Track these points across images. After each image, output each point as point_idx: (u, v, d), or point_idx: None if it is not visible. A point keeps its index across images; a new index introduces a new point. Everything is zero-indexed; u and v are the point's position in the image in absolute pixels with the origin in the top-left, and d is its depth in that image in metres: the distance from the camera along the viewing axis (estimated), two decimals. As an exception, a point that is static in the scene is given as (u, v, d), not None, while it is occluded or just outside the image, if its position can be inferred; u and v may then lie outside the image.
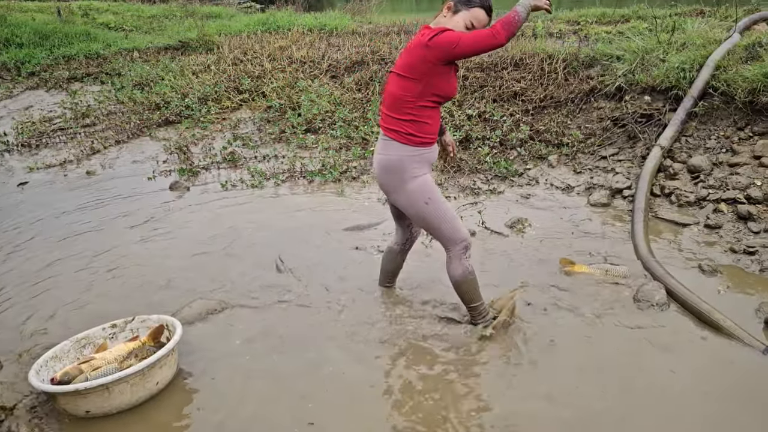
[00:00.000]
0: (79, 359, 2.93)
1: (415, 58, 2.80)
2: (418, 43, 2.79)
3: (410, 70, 2.82)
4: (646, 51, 5.89)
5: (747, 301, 3.39)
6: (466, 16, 2.84)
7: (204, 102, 7.66)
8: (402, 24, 10.52)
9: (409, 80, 2.83)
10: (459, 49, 2.73)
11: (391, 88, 2.93)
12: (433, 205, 2.96)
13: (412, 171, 2.94)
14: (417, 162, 2.95)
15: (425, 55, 2.76)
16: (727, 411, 2.59)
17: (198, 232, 4.64)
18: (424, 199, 2.96)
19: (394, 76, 2.91)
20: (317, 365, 3.00)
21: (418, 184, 2.95)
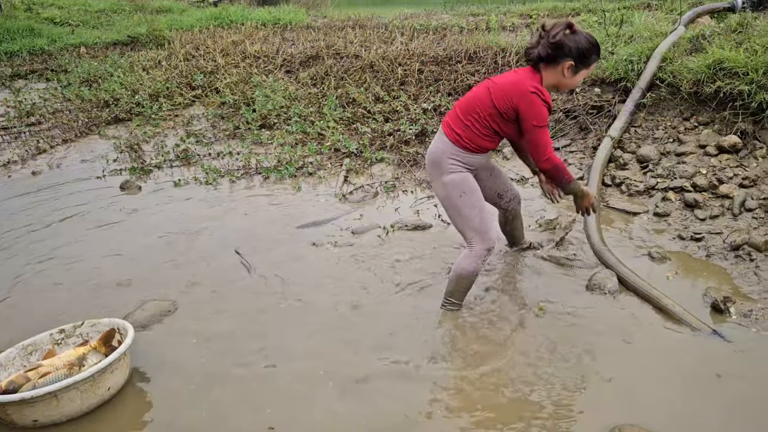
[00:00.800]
0: (26, 367, 2.84)
1: (506, 93, 2.94)
2: (514, 85, 2.92)
3: (498, 96, 2.96)
4: (596, 44, 5.99)
5: (694, 286, 3.49)
6: (585, 73, 3.04)
7: (155, 99, 7.49)
8: (357, 18, 10.48)
9: (491, 103, 2.98)
10: (532, 128, 2.93)
11: (477, 94, 3.06)
12: (467, 200, 3.12)
13: (448, 166, 3.12)
14: (455, 160, 3.12)
15: (512, 102, 2.92)
16: (676, 390, 2.66)
17: (150, 231, 4.53)
18: (458, 192, 3.12)
19: (486, 90, 3.02)
20: (276, 366, 2.96)
21: (454, 178, 3.13)
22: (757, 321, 3.11)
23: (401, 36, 8.26)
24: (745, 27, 5.34)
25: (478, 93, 3.07)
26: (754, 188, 4.22)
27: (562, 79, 2.99)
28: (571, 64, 2.93)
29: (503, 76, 3.05)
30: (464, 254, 3.21)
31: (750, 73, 4.46)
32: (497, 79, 3.05)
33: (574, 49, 2.91)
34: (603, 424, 2.49)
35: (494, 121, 3.02)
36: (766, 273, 3.53)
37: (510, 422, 2.54)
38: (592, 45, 2.95)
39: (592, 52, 2.96)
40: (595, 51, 2.97)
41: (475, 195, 3.16)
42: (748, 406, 2.57)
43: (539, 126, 2.92)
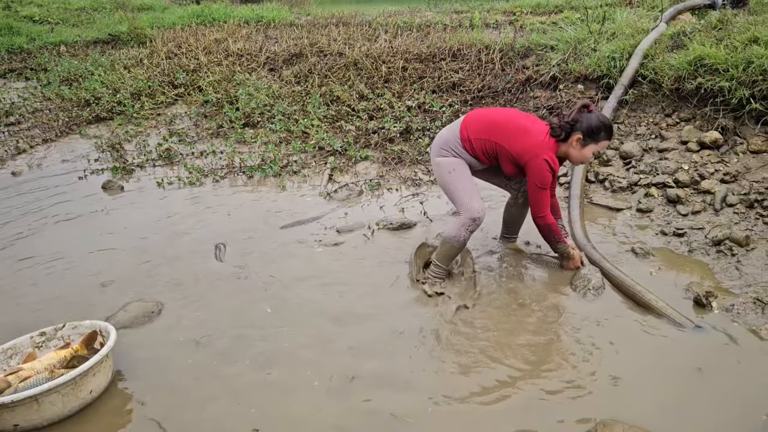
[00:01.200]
0: (6, 371, 2.79)
1: (524, 149, 3.26)
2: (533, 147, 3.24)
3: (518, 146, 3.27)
4: (579, 41, 6.04)
5: (677, 281, 3.52)
6: (594, 148, 3.31)
7: (137, 97, 7.41)
8: (341, 15, 10.44)
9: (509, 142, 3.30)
10: (534, 187, 3.30)
11: (506, 124, 3.34)
12: (455, 176, 3.43)
13: (444, 152, 3.47)
14: (454, 152, 3.45)
15: (525, 158, 3.26)
16: (658, 384, 2.68)
17: (133, 232, 4.48)
18: (449, 169, 3.45)
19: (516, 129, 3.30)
20: (261, 366, 2.94)
21: (447, 160, 3.46)
22: (739, 315, 3.14)
23: (385, 33, 8.25)
24: (725, 24, 5.40)
25: (510, 124, 3.34)
26: (735, 184, 4.26)
27: (572, 150, 3.32)
28: (579, 137, 3.25)
29: (533, 127, 3.32)
30: (451, 221, 3.56)
31: (730, 70, 4.50)
32: (528, 124, 3.33)
33: (584, 125, 3.24)
34: (586, 418, 2.50)
35: (501, 153, 3.36)
36: (747, 268, 3.57)
37: (493, 418, 2.55)
38: (603, 124, 3.25)
39: (602, 130, 3.25)
40: (605, 130, 3.26)
41: (464, 172, 3.45)
42: (729, 399, 2.59)
43: (540, 187, 3.30)
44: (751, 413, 2.50)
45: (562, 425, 2.49)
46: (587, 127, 3.23)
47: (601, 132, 3.25)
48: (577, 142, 3.28)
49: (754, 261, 3.62)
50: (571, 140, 3.28)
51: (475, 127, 3.41)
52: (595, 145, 3.29)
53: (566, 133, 3.28)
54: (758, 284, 3.41)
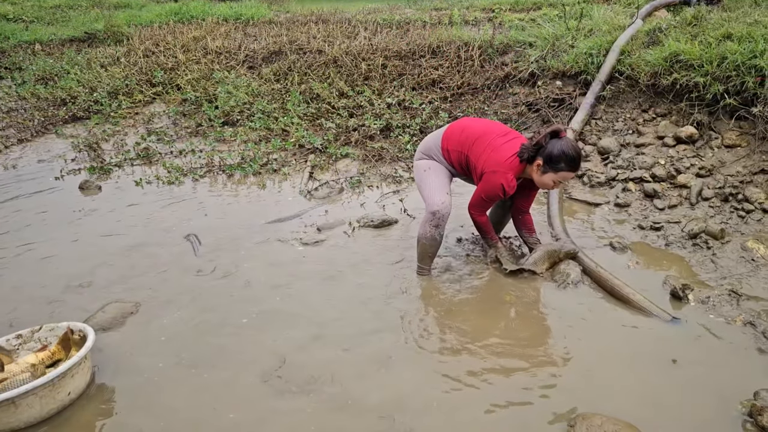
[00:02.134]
0: (-19, 374, 2.74)
1: (487, 164, 3.29)
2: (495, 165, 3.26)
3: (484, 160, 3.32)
4: (557, 37, 6.08)
5: (654, 275, 3.57)
6: (552, 176, 3.25)
7: (114, 96, 7.33)
8: (320, 13, 10.41)
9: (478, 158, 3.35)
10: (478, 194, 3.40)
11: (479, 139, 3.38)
12: (427, 175, 3.55)
13: (425, 155, 3.60)
14: (433, 155, 3.56)
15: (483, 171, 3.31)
16: (635, 376, 2.71)
17: (111, 232, 4.43)
18: (424, 167, 3.58)
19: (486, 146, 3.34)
20: (240, 369, 2.91)
21: (425, 162, 3.60)
22: (714, 307, 3.19)
23: (364, 31, 8.24)
24: (700, 20, 5.47)
25: (483, 139, 3.37)
26: (710, 178, 4.33)
27: (533, 173, 3.30)
28: (539, 163, 3.22)
29: (503, 146, 3.31)
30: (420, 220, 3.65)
31: (705, 65, 4.56)
32: (499, 143, 3.33)
33: (546, 152, 3.19)
34: (565, 409, 2.52)
35: (472, 166, 3.42)
36: (722, 260, 3.63)
37: (470, 412, 2.56)
38: (565, 155, 3.16)
39: (561, 161, 3.17)
40: (565, 161, 3.17)
41: (437, 173, 3.54)
42: (704, 389, 2.63)
43: (485, 199, 3.40)
44: (726, 403, 2.54)
45: (541, 417, 2.51)
46: (548, 154, 3.18)
47: (560, 163, 3.17)
48: (538, 168, 3.25)
49: (728, 254, 3.68)
50: (534, 164, 3.25)
51: (454, 139, 3.48)
52: (553, 174, 3.22)
53: (530, 157, 3.24)
54: (733, 276, 3.46)
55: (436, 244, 3.57)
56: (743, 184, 4.19)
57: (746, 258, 3.62)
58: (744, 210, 4.02)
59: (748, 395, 2.55)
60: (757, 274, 3.47)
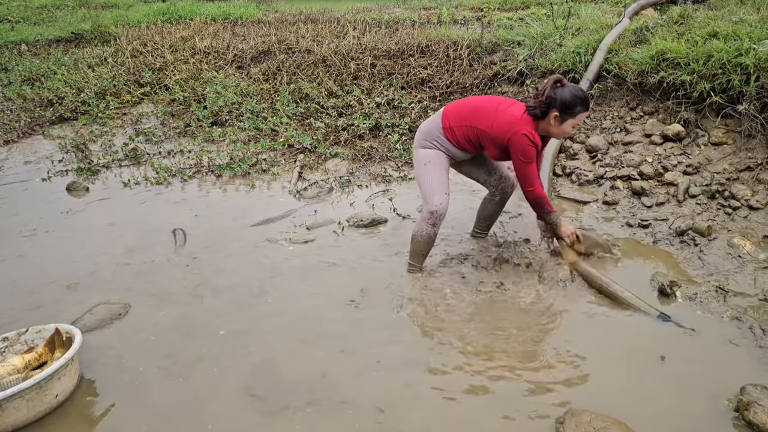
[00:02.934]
0: (-32, 377, 2.72)
1: (504, 128, 3.24)
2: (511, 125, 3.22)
3: (498, 125, 3.26)
4: (545, 36, 6.10)
5: (642, 272, 3.59)
6: (572, 122, 3.26)
7: (102, 97, 7.29)
8: (309, 12, 10.40)
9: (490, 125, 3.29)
10: (519, 162, 3.27)
11: (484, 108, 3.34)
12: (426, 170, 3.47)
13: (426, 143, 3.50)
14: (437, 143, 3.47)
15: (506, 137, 3.24)
16: (624, 372, 2.73)
17: (99, 233, 4.40)
18: (424, 161, 3.49)
19: (494, 111, 3.30)
20: (226, 373, 2.88)
21: (426, 152, 3.50)
22: (702, 304, 3.22)
23: (353, 30, 8.24)
24: (686, 19, 5.51)
25: (487, 108, 3.35)
26: (697, 175, 4.35)
27: (550, 127, 3.29)
28: (556, 114, 3.21)
29: (511, 108, 3.30)
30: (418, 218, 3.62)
31: (691, 64, 4.59)
32: (506, 106, 3.32)
33: (558, 101, 3.18)
34: (554, 406, 2.53)
35: (483, 137, 3.35)
36: (709, 257, 3.65)
37: (459, 409, 2.57)
38: (576, 97, 3.19)
39: (576, 104, 3.19)
40: (579, 103, 3.19)
41: (437, 167, 3.46)
42: (692, 385, 2.65)
43: (525, 162, 3.27)
44: (714, 399, 2.56)
45: (531, 414, 2.52)
46: (561, 102, 3.19)
47: (576, 106, 3.20)
48: (555, 119, 3.24)
49: (715, 250, 3.71)
50: (549, 118, 3.25)
51: (455, 114, 3.43)
52: (572, 120, 3.25)
53: (542, 112, 3.24)
54: (720, 273, 3.49)
55: (431, 242, 3.58)
56: (729, 182, 4.23)
57: (733, 254, 3.65)
58: (730, 207, 4.06)
59: (735, 390, 2.57)
60: (744, 271, 3.49)
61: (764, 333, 2.94)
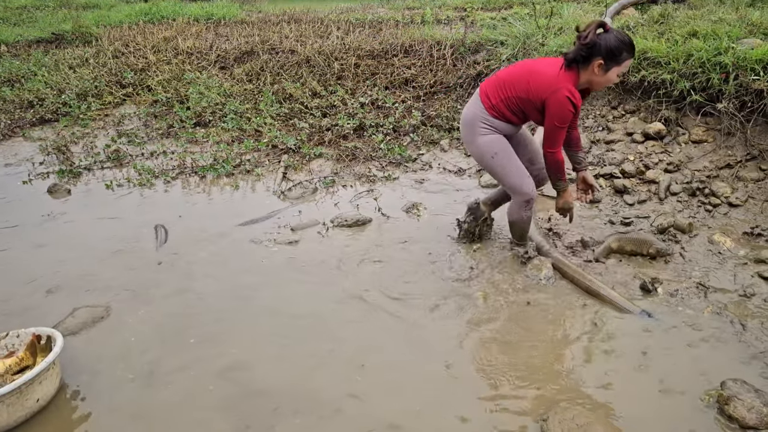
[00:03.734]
0: (-54, 383, 2.68)
1: (541, 87, 3.11)
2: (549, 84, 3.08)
3: (534, 87, 3.14)
4: (527, 36, 6.13)
5: (625, 269, 3.62)
6: (618, 70, 3.08)
7: (83, 98, 7.21)
8: (292, 12, 10.37)
9: (527, 88, 3.17)
10: (551, 125, 3.15)
11: (518, 74, 3.22)
12: (499, 160, 3.37)
13: (480, 129, 3.36)
14: (486, 124, 3.34)
15: (544, 96, 3.11)
16: (606, 368, 2.75)
17: (80, 236, 4.36)
18: (491, 153, 3.37)
19: (528, 74, 3.18)
20: (213, 376, 2.86)
21: (485, 140, 3.36)
22: (683, 300, 3.25)
23: (337, 30, 8.23)
24: (667, 18, 5.57)
25: (520, 73, 3.22)
26: (678, 173, 4.40)
27: (594, 77, 3.10)
28: (601, 62, 3.03)
29: (545, 67, 3.16)
30: (510, 204, 3.61)
31: (671, 63, 4.64)
32: (539, 66, 3.19)
33: (603, 48, 3.00)
34: (538, 403, 2.55)
35: (523, 104, 3.23)
36: (690, 254, 3.69)
37: (443, 408, 2.57)
38: (622, 42, 3.00)
39: (623, 49, 3.01)
40: (625, 48, 3.01)
41: (507, 153, 3.39)
42: (671, 381, 2.68)
43: (559, 126, 3.15)
44: (695, 394, 2.59)
45: (515, 412, 2.53)
46: (606, 48, 2.99)
47: (622, 52, 3.00)
48: (599, 68, 3.05)
49: (696, 247, 3.75)
50: (592, 66, 3.05)
51: (492, 90, 3.31)
52: (618, 67, 3.06)
53: (585, 59, 3.06)
54: (700, 269, 3.53)
55: (530, 221, 3.66)
56: (710, 179, 4.28)
57: (713, 251, 3.69)
58: (711, 204, 4.10)
59: (716, 386, 2.60)
60: (724, 267, 3.54)
61: (744, 328, 2.99)
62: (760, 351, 2.82)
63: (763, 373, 2.69)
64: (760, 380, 2.62)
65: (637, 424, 2.44)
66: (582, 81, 3.14)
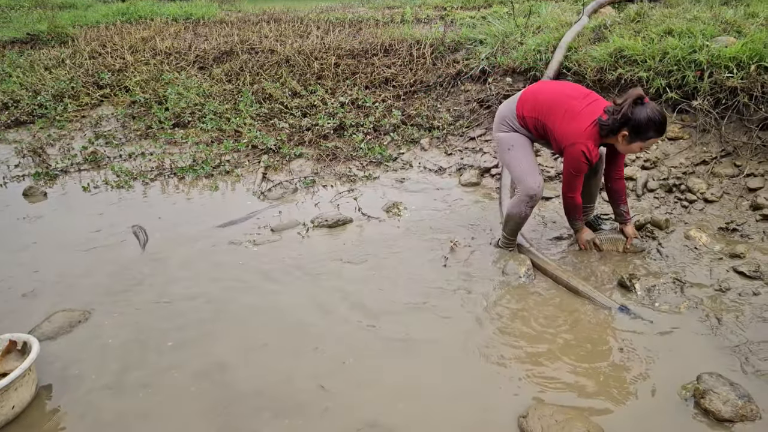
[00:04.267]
0: None
1: (565, 136, 3.27)
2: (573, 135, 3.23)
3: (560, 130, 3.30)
4: (506, 35, 6.16)
5: (603, 265, 3.65)
6: (640, 145, 3.18)
7: (60, 99, 7.12)
8: (272, 12, 10.32)
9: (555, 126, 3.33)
10: (567, 172, 3.38)
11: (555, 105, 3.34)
12: (514, 153, 3.56)
13: (502, 126, 3.61)
14: (510, 124, 3.57)
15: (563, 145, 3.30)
16: (585, 365, 2.78)
17: (57, 239, 4.30)
18: (507, 146, 3.58)
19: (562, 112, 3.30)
20: (191, 379, 2.85)
21: (504, 136, 3.60)
22: (660, 295, 3.29)
23: (317, 30, 8.21)
24: (643, 17, 5.63)
25: (559, 106, 3.33)
26: (655, 170, 4.45)
27: (617, 143, 3.24)
28: (625, 134, 3.13)
29: (580, 114, 3.26)
30: (512, 198, 3.71)
31: (647, 61, 4.70)
32: (577, 110, 3.27)
33: (631, 121, 3.09)
34: (518, 400, 2.56)
35: (547, 134, 3.42)
36: (667, 249, 3.74)
37: (424, 404, 2.58)
38: (652, 121, 3.06)
39: (650, 128, 3.08)
40: (653, 128, 3.08)
41: (522, 149, 3.55)
42: (650, 376, 2.71)
43: (574, 174, 3.37)
44: (672, 388, 2.62)
45: (495, 409, 2.55)
46: (634, 123, 3.08)
47: (649, 131, 3.08)
48: (623, 138, 3.16)
49: (673, 243, 3.80)
50: (618, 135, 3.17)
51: (529, 105, 3.46)
52: (641, 143, 3.15)
53: (614, 129, 3.16)
54: (677, 265, 3.57)
55: (526, 220, 3.68)
56: (686, 175, 4.33)
57: (689, 246, 3.74)
58: (687, 200, 4.16)
59: (692, 380, 2.63)
60: (700, 262, 3.58)
61: (719, 322, 3.03)
62: (735, 345, 2.87)
63: (739, 366, 2.73)
64: (736, 374, 2.66)
65: (615, 419, 2.47)
66: (605, 141, 3.27)
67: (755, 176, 4.12)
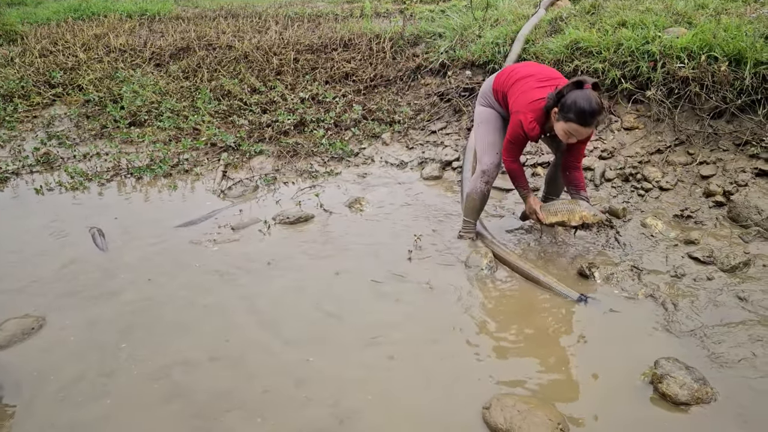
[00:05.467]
0: None
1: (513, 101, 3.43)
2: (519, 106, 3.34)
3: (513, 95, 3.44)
4: (464, 28, 6.19)
5: (563, 255, 3.70)
6: (563, 126, 3.19)
7: (9, 99, 6.89)
8: (230, 7, 10.16)
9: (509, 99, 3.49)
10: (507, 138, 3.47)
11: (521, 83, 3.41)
12: (481, 128, 3.70)
13: (481, 100, 3.73)
14: (488, 99, 3.67)
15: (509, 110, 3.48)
16: (547, 354, 2.81)
17: (8, 244, 4.15)
18: (479, 120, 3.73)
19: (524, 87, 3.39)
20: (146, 385, 2.77)
21: (482, 110, 3.72)
22: (618, 283, 3.35)
23: (275, 25, 8.12)
24: (597, 8, 5.71)
25: (523, 83, 3.41)
26: (612, 159, 4.53)
27: (553, 121, 3.28)
28: (556, 110, 3.23)
29: (532, 91, 3.34)
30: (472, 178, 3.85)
31: (603, 52, 4.76)
32: (531, 86, 3.36)
33: (563, 98, 3.17)
34: (480, 392, 2.57)
35: (507, 106, 3.53)
36: (624, 237, 3.80)
37: (388, 395, 2.57)
38: (575, 105, 3.10)
39: (571, 110, 3.12)
40: (573, 111, 3.10)
41: (489, 125, 3.67)
42: (610, 363, 2.75)
43: (511, 141, 3.46)
44: (631, 374, 2.67)
45: (457, 401, 2.55)
46: (564, 102, 3.15)
47: (570, 112, 3.12)
48: (554, 115, 3.25)
49: (630, 231, 3.87)
50: (553, 111, 3.25)
51: (501, 80, 3.56)
52: (564, 123, 3.18)
53: (553, 104, 3.23)
54: (634, 252, 3.64)
55: (485, 199, 3.77)
56: (642, 164, 4.41)
57: (646, 234, 3.81)
58: (643, 189, 4.24)
59: (651, 365, 2.68)
60: (656, 249, 3.66)
61: (676, 308, 3.09)
62: (691, 329, 2.93)
63: (694, 350, 2.79)
64: (691, 358, 2.72)
65: (576, 406, 2.50)
66: (549, 120, 3.34)
67: (707, 164, 4.22)
